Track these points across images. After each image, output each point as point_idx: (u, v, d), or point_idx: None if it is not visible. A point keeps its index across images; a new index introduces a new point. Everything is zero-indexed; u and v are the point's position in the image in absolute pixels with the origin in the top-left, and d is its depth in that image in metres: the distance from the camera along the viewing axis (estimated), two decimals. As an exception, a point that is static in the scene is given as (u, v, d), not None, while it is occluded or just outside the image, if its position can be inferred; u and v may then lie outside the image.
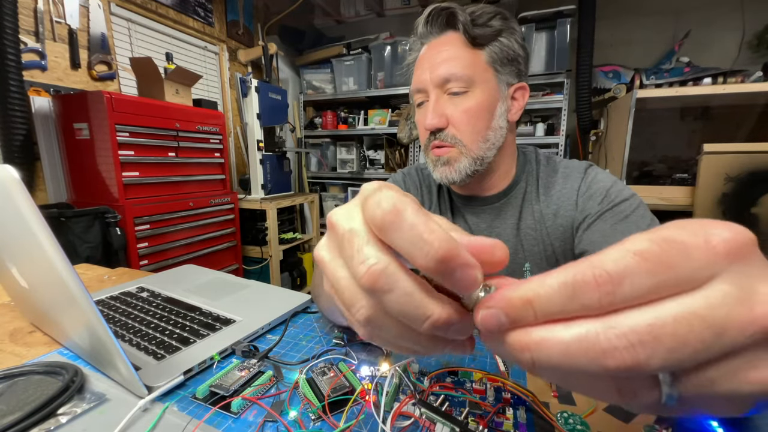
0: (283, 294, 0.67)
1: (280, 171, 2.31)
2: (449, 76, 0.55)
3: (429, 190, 0.72)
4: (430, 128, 0.57)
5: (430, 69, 0.56)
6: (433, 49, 0.58)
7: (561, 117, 2.16)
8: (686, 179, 1.82)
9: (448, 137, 0.57)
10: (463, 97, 0.56)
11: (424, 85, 0.57)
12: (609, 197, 0.56)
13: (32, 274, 0.43)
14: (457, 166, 0.57)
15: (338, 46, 2.63)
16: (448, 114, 0.56)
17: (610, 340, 0.12)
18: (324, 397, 0.38)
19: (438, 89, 0.57)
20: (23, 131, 1.33)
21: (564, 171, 0.63)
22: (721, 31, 2.10)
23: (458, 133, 0.57)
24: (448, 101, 0.57)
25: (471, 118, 0.56)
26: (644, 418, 0.35)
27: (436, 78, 0.56)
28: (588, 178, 0.60)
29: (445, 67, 0.55)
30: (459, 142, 0.57)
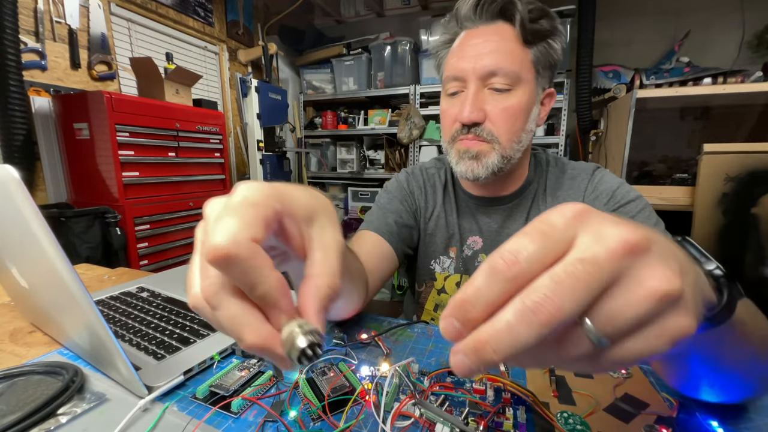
0: (283, 294, 0.66)
1: (280, 171, 2.31)
2: (496, 69, 0.52)
3: (434, 190, 0.71)
4: (467, 121, 0.53)
5: (476, 58, 0.52)
6: (479, 37, 0.53)
7: (561, 117, 2.16)
8: (686, 179, 1.82)
9: (484, 132, 0.54)
10: (506, 95, 0.53)
11: (464, 74, 0.54)
12: (615, 198, 0.56)
13: (32, 274, 0.43)
14: (485, 161, 0.55)
15: (338, 46, 2.63)
16: (487, 109, 0.53)
17: (534, 303, 0.15)
18: (324, 397, 0.38)
19: (479, 81, 0.53)
20: (23, 131, 1.33)
21: (571, 172, 0.63)
22: (721, 31, 2.10)
23: (495, 129, 0.54)
24: (489, 96, 0.54)
25: (510, 117, 0.54)
26: (644, 419, 0.35)
27: (481, 69, 0.52)
28: (595, 180, 0.60)
29: (492, 59, 0.52)
30: (495, 139, 0.54)
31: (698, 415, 0.36)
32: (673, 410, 0.36)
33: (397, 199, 0.69)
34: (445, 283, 0.66)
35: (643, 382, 0.41)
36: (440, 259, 0.66)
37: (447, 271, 0.66)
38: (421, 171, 0.73)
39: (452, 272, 0.65)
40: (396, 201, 0.68)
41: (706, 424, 0.34)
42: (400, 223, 0.65)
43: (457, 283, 0.65)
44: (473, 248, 0.64)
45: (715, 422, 0.34)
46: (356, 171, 2.79)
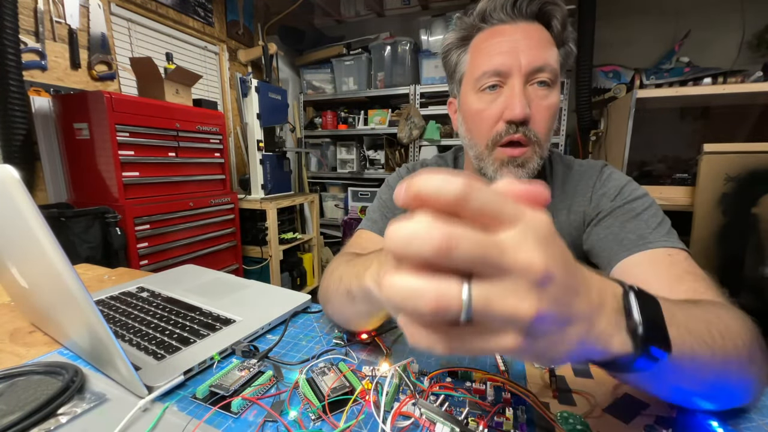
0: (283, 294, 0.67)
1: (280, 171, 2.31)
2: (544, 65, 0.50)
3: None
4: (520, 118, 0.50)
5: (522, 54, 0.49)
6: (517, 33, 0.51)
7: (561, 117, 2.16)
8: (686, 179, 1.82)
9: (531, 133, 0.51)
10: (548, 92, 0.51)
11: (508, 69, 0.50)
12: (622, 194, 0.55)
13: (32, 274, 0.43)
14: (529, 166, 0.53)
15: (338, 46, 2.63)
16: (531, 108, 0.50)
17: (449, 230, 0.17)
18: (324, 397, 0.38)
19: (524, 77, 0.50)
20: (23, 131, 1.33)
21: (579, 168, 0.62)
22: (721, 31, 2.10)
23: (538, 129, 0.52)
24: (532, 93, 0.51)
25: (551, 116, 0.53)
26: (644, 419, 0.35)
27: (529, 65, 0.49)
28: (603, 176, 0.59)
29: (540, 54, 0.49)
30: (537, 141, 0.52)
31: (698, 415, 0.36)
32: (673, 410, 0.36)
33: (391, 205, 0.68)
34: None
35: (643, 382, 0.41)
36: None
37: None
38: (422, 165, 0.73)
39: None
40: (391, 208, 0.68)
41: (706, 424, 0.34)
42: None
43: None
44: None
45: (715, 422, 0.34)
46: (356, 171, 2.79)
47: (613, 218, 0.54)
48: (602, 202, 0.56)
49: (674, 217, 0.59)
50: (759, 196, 1.56)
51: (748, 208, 1.58)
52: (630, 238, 0.49)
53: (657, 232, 0.49)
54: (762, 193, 1.56)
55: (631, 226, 0.51)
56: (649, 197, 0.55)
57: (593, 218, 0.57)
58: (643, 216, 0.52)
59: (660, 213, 0.53)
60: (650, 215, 0.52)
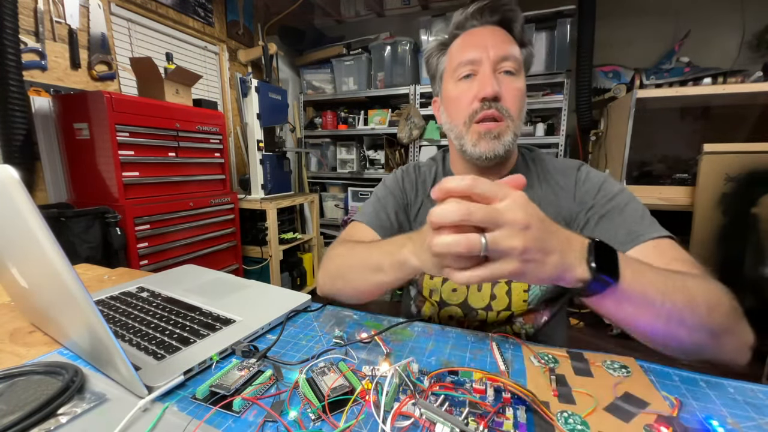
0: (283, 294, 0.67)
1: (280, 171, 2.31)
2: (508, 55, 0.59)
3: (424, 186, 0.75)
4: (491, 95, 0.58)
5: (490, 46, 0.59)
6: (485, 32, 0.61)
7: (561, 117, 2.16)
8: (686, 179, 1.82)
9: (503, 109, 0.59)
10: (515, 78, 0.60)
11: (479, 57, 0.59)
12: (603, 191, 0.61)
13: (32, 274, 0.43)
14: (503, 140, 0.60)
15: (338, 46, 2.63)
16: (502, 89, 0.59)
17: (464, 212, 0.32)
18: (324, 397, 0.38)
19: (492, 64, 0.59)
20: (23, 131, 1.33)
21: (558, 166, 0.67)
22: (721, 31, 2.10)
23: (510, 107, 0.59)
24: (501, 78, 0.60)
25: (520, 98, 0.61)
26: (644, 418, 0.35)
27: (496, 54, 0.59)
28: (582, 175, 0.64)
29: (505, 47, 0.59)
30: (510, 116, 0.59)
31: (698, 414, 0.36)
32: (673, 409, 0.36)
33: (391, 194, 0.74)
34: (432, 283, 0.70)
35: (643, 381, 0.41)
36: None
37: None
38: (415, 168, 0.78)
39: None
40: (390, 197, 0.74)
41: (707, 423, 0.34)
42: (392, 218, 0.71)
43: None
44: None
45: (716, 422, 0.34)
46: (356, 171, 2.79)
47: (607, 220, 0.58)
48: (586, 201, 0.62)
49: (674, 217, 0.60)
50: (759, 196, 1.56)
51: (748, 208, 1.58)
52: (621, 234, 0.55)
53: (641, 225, 0.55)
54: (762, 193, 1.56)
55: (619, 220, 0.57)
56: (626, 191, 0.60)
57: (583, 220, 0.61)
58: (626, 210, 0.57)
59: (639, 204, 0.58)
60: (632, 209, 0.57)
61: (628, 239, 0.53)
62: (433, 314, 0.71)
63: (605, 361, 0.45)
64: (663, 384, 0.41)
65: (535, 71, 2.16)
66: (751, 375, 1.53)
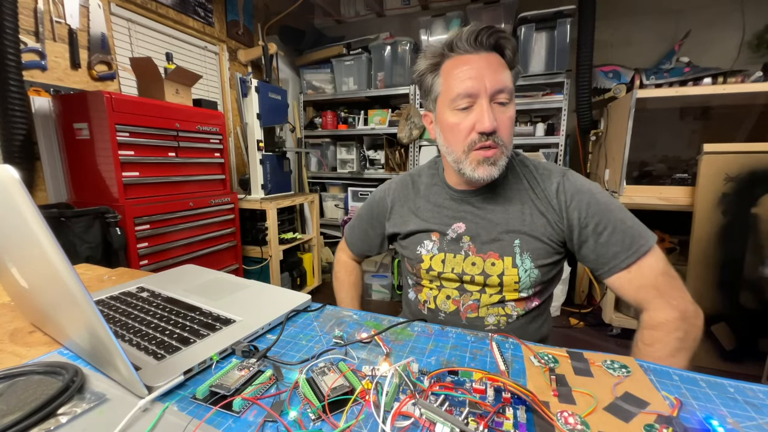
0: (283, 294, 0.67)
1: (280, 171, 2.31)
2: (503, 87, 0.63)
3: (416, 193, 0.81)
4: (489, 130, 0.62)
5: (486, 79, 0.62)
6: (480, 61, 0.63)
7: (561, 117, 2.16)
8: (686, 179, 1.82)
9: (498, 139, 0.64)
10: (507, 108, 0.65)
11: (477, 91, 0.63)
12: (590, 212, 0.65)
13: (32, 274, 0.43)
14: (499, 164, 0.66)
15: (338, 46, 2.63)
16: (497, 120, 0.63)
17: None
18: (324, 397, 0.38)
19: (488, 97, 0.63)
20: (23, 131, 1.33)
21: (543, 173, 0.72)
22: (721, 31, 2.10)
23: (503, 136, 0.65)
24: (496, 109, 0.64)
25: (511, 125, 0.66)
26: (644, 417, 0.35)
27: (492, 87, 0.62)
28: (566, 186, 0.68)
29: (500, 79, 0.63)
30: (503, 144, 0.65)
31: (698, 414, 0.36)
32: (673, 409, 0.36)
33: (368, 215, 0.88)
34: (431, 262, 0.74)
35: (643, 380, 0.41)
36: (424, 243, 0.76)
37: (431, 252, 0.75)
38: (412, 177, 0.84)
39: (436, 252, 0.74)
40: (366, 218, 0.88)
41: (707, 423, 0.34)
42: (367, 235, 0.89)
43: (442, 260, 0.74)
44: (457, 232, 0.74)
45: (716, 422, 0.34)
46: (356, 171, 2.79)
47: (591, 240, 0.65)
48: (572, 219, 0.67)
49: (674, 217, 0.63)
50: (759, 196, 1.56)
51: (748, 208, 1.58)
52: (602, 262, 0.65)
53: (620, 254, 0.63)
54: (762, 193, 1.56)
55: (601, 250, 0.64)
56: (610, 205, 0.65)
57: (570, 235, 0.67)
58: (604, 237, 0.64)
59: (622, 222, 0.64)
60: (611, 232, 0.64)
61: (608, 269, 0.64)
62: (430, 299, 0.75)
63: (605, 361, 0.45)
64: (663, 384, 0.41)
65: (535, 71, 2.16)
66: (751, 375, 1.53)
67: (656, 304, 0.61)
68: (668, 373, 0.44)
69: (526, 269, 0.68)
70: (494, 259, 0.69)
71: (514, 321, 0.70)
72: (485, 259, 0.70)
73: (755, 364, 1.55)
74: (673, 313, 0.59)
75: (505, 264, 0.68)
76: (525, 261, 0.68)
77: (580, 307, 2.26)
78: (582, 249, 0.67)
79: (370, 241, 0.89)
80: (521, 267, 0.68)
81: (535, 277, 0.68)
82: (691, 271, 1.67)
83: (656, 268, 0.62)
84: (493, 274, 0.69)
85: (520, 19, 2.11)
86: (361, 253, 0.94)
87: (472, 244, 0.71)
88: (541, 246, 0.68)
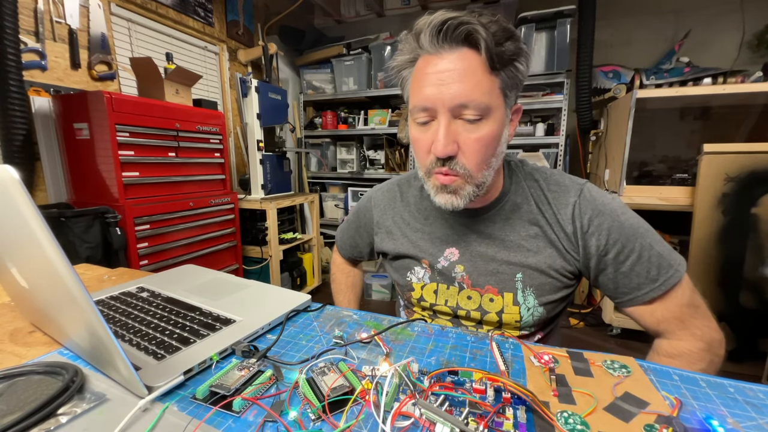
0: (283, 294, 0.67)
1: (280, 171, 2.31)
2: (467, 102, 0.49)
3: (406, 206, 0.72)
4: (441, 155, 0.52)
5: (445, 89, 0.49)
6: (443, 65, 0.50)
7: (561, 117, 2.16)
8: (686, 179, 1.82)
9: (457, 166, 0.53)
10: (477, 125, 0.51)
11: (434, 105, 0.51)
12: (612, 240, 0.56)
13: (32, 274, 0.43)
14: (462, 194, 0.55)
15: (338, 46, 2.63)
16: (460, 141, 0.52)
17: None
18: (324, 397, 0.38)
19: (449, 113, 0.51)
20: (23, 131, 1.33)
21: (554, 189, 0.61)
22: (721, 31, 2.10)
23: (467, 162, 0.53)
24: (460, 127, 0.52)
25: (482, 148, 0.52)
26: (644, 417, 0.35)
27: (451, 102, 0.50)
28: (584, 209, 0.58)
29: (463, 91, 0.49)
30: (467, 172, 0.53)
31: (698, 414, 0.36)
32: (673, 409, 0.36)
33: (355, 222, 0.82)
34: (422, 292, 0.67)
35: (643, 380, 0.41)
36: (415, 270, 0.68)
37: (422, 281, 0.67)
38: (400, 187, 0.74)
39: (428, 281, 0.67)
40: (354, 225, 0.82)
41: (707, 423, 0.34)
42: (354, 242, 0.83)
43: (435, 291, 0.66)
44: (450, 259, 0.64)
45: (716, 422, 0.34)
46: (356, 171, 2.79)
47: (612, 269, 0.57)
48: (590, 246, 0.57)
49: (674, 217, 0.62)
50: (759, 196, 1.56)
51: (748, 208, 1.58)
52: (623, 292, 0.57)
53: (643, 286, 0.55)
54: (762, 193, 1.56)
55: (622, 280, 0.56)
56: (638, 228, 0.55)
57: (587, 264, 0.58)
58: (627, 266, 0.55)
59: (648, 250, 0.54)
60: (635, 261, 0.55)
61: (629, 300, 0.57)
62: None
63: (605, 361, 0.45)
64: (663, 384, 0.41)
65: (535, 71, 2.16)
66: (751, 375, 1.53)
67: (680, 335, 0.55)
68: (668, 373, 0.44)
69: (529, 307, 0.60)
70: (492, 294, 0.61)
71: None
72: (482, 294, 0.62)
73: (755, 364, 1.55)
74: (699, 344, 0.53)
75: (505, 301, 0.60)
76: (528, 298, 0.59)
77: (580, 307, 2.26)
78: (599, 277, 0.58)
79: (360, 249, 0.83)
80: (523, 305, 0.60)
81: (539, 315, 0.60)
82: (691, 271, 1.67)
83: (682, 301, 0.54)
84: (491, 311, 0.61)
85: (520, 19, 2.11)
86: (351, 258, 0.87)
87: (466, 275, 0.63)
88: (548, 281, 0.59)
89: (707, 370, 0.52)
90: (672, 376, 0.43)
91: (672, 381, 0.42)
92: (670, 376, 0.43)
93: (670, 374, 0.43)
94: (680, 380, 0.42)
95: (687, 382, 0.42)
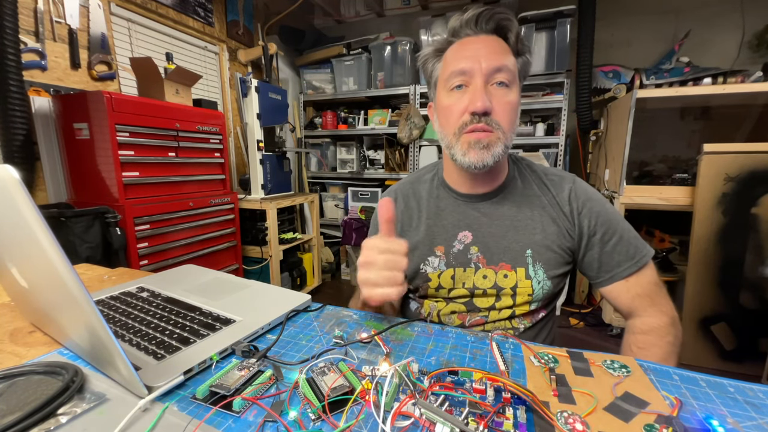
0: (283, 294, 0.67)
1: (280, 171, 2.31)
2: (501, 66, 0.58)
3: (418, 203, 0.75)
4: (481, 110, 0.58)
5: (483, 57, 0.58)
6: (479, 42, 0.60)
7: (561, 117, 2.16)
8: (686, 179, 1.82)
9: (493, 122, 0.59)
10: (507, 90, 0.60)
11: (472, 69, 0.59)
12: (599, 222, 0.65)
13: (32, 274, 0.43)
14: (493, 150, 0.60)
15: (338, 46, 2.64)
16: (493, 102, 0.59)
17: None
18: (324, 397, 0.38)
19: (484, 77, 0.59)
20: (23, 131, 1.33)
21: (553, 179, 0.70)
22: (721, 31, 2.10)
23: (500, 120, 0.60)
24: (493, 91, 0.59)
25: (512, 110, 0.61)
26: (644, 417, 0.35)
27: (488, 66, 0.58)
28: (578, 194, 0.67)
29: (497, 58, 0.58)
30: (500, 128, 0.60)
31: (698, 414, 0.36)
32: (673, 409, 0.36)
33: (376, 228, 0.80)
34: (440, 281, 0.69)
35: (643, 380, 0.41)
36: (429, 261, 0.70)
37: (438, 269, 0.70)
38: (413, 186, 0.78)
39: (444, 268, 0.69)
40: (375, 231, 0.80)
41: (707, 423, 0.34)
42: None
43: (452, 277, 0.68)
44: (464, 242, 0.69)
45: (716, 421, 0.34)
46: (356, 171, 2.79)
47: (597, 248, 0.65)
48: (583, 226, 0.66)
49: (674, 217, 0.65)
50: (759, 196, 1.56)
51: (748, 208, 1.58)
52: (605, 270, 0.65)
53: (623, 263, 0.64)
54: (762, 193, 1.56)
55: (605, 258, 0.65)
56: (616, 215, 0.66)
57: (579, 243, 0.67)
58: (610, 245, 0.64)
59: (627, 233, 0.65)
60: (616, 242, 0.64)
61: (608, 277, 0.65)
62: (433, 312, 0.71)
63: (605, 360, 0.45)
64: (663, 384, 0.41)
65: (535, 71, 2.16)
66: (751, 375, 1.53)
67: (649, 311, 0.63)
68: (668, 373, 0.44)
69: (540, 281, 0.65)
70: (506, 270, 0.65)
71: (521, 334, 0.67)
72: (497, 271, 0.66)
73: (755, 364, 1.55)
74: (665, 318, 0.62)
75: (518, 276, 0.65)
76: (538, 272, 0.65)
77: (580, 307, 2.26)
78: (586, 256, 0.66)
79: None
80: (534, 278, 0.65)
81: (547, 289, 0.65)
82: (691, 271, 1.67)
83: (651, 279, 0.64)
84: (506, 286, 0.65)
85: (520, 19, 2.11)
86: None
87: (481, 255, 0.67)
88: (553, 256, 0.65)
89: (675, 344, 0.61)
90: (672, 376, 0.43)
91: (672, 381, 0.42)
92: (670, 375, 0.43)
93: (670, 374, 0.43)
94: (680, 380, 0.42)
95: (687, 381, 0.42)
